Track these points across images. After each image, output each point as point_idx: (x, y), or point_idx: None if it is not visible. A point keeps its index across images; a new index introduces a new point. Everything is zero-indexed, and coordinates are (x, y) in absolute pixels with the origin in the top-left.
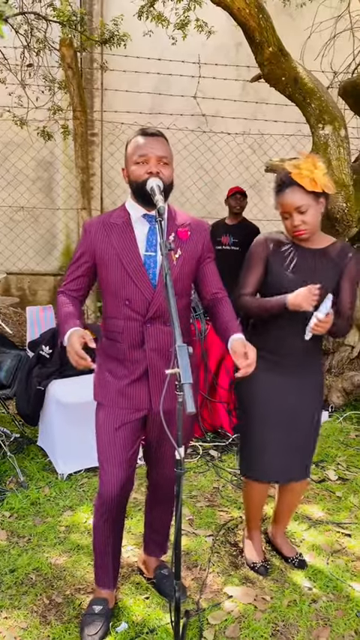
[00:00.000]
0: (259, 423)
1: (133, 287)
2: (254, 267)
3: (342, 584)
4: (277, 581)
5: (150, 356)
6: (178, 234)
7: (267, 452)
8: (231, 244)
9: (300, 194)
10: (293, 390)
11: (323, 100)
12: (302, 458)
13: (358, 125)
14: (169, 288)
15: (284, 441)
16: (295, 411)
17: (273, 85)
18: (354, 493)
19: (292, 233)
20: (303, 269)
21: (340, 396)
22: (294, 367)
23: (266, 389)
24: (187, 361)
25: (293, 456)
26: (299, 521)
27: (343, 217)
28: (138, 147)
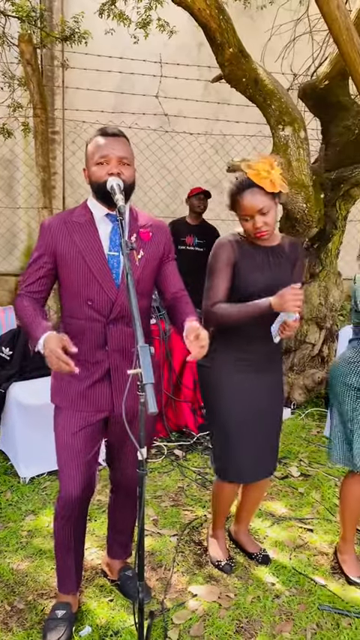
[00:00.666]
0: (231, 425)
1: (96, 287)
2: (223, 272)
3: (304, 579)
4: (241, 578)
5: (112, 357)
6: (140, 235)
7: (241, 453)
8: (195, 245)
9: (260, 196)
10: (260, 389)
11: (283, 101)
12: (270, 455)
13: (317, 127)
14: (131, 287)
15: (255, 441)
16: (262, 410)
17: (234, 86)
18: (316, 489)
19: (253, 234)
20: (266, 267)
21: (301, 394)
22: (259, 366)
23: (233, 389)
24: (149, 361)
25: (263, 454)
26: (263, 518)
27: (303, 218)
28: (98, 147)
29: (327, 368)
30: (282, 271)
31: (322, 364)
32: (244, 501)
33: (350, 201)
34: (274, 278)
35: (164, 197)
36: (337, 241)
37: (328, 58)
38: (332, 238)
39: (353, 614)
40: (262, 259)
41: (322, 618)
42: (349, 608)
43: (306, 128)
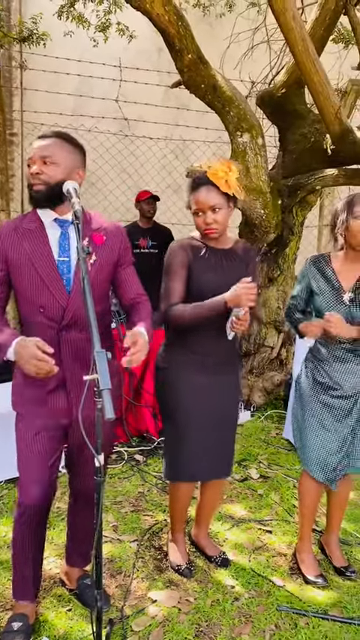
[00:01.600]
0: (184, 425)
1: (47, 293)
2: (177, 274)
3: (263, 581)
4: (201, 581)
5: (67, 363)
6: (92, 239)
7: (194, 453)
8: (149, 247)
9: (214, 193)
10: (215, 389)
11: (241, 108)
12: (226, 455)
13: (275, 134)
14: (87, 293)
15: (209, 441)
16: (217, 410)
17: (193, 92)
18: (275, 490)
19: (202, 230)
20: (220, 270)
21: (261, 396)
22: (215, 367)
23: (189, 390)
24: (106, 367)
25: (217, 454)
26: (222, 521)
27: (261, 223)
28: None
29: (285, 370)
30: (235, 274)
31: (281, 367)
32: (201, 503)
33: (306, 207)
34: (227, 280)
35: (125, 201)
36: (294, 247)
37: (285, 67)
38: (289, 244)
39: (310, 614)
40: (216, 261)
41: (281, 619)
42: (307, 608)
43: (264, 135)
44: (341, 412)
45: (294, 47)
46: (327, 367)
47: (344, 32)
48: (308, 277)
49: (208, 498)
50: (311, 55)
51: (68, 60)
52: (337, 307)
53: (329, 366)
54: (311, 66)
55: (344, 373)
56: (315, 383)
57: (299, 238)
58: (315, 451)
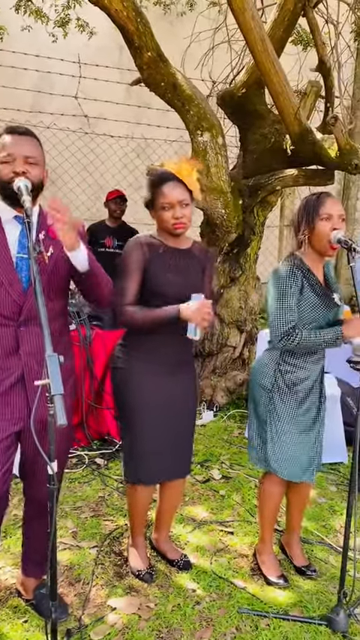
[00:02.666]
0: (139, 425)
1: (3, 291)
2: (132, 274)
3: (224, 583)
4: (162, 586)
5: (25, 361)
6: (49, 233)
7: (150, 454)
8: (115, 247)
9: (182, 189)
10: (171, 389)
11: (201, 107)
12: (184, 455)
13: (236, 134)
14: (39, 295)
15: (166, 441)
16: (174, 410)
17: (153, 90)
18: (236, 491)
19: (171, 225)
20: (177, 269)
21: (224, 396)
22: (170, 367)
23: (145, 390)
24: (58, 371)
25: (176, 454)
26: (184, 523)
27: (222, 223)
28: (4, 146)
29: (247, 370)
30: (192, 274)
31: (243, 366)
32: (161, 505)
33: (267, 207)
34: (184, 280)
35: (85, 199)
36: (255, 247)
37: (245, 67)
38: (251, 244)
39: (271, 615)
40: (173, 261)
41: (242, 621)
42: (268, 609)
43: (224, 135)
44: (312, 413)
45: (253, 47)
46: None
47: (303, 34)
48: (299, 284)
49: (168, 500)
50: (270, 56)
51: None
52: (331, 309)
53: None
54: (271, 66)
55: (312, 372)
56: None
57: (260, 238)
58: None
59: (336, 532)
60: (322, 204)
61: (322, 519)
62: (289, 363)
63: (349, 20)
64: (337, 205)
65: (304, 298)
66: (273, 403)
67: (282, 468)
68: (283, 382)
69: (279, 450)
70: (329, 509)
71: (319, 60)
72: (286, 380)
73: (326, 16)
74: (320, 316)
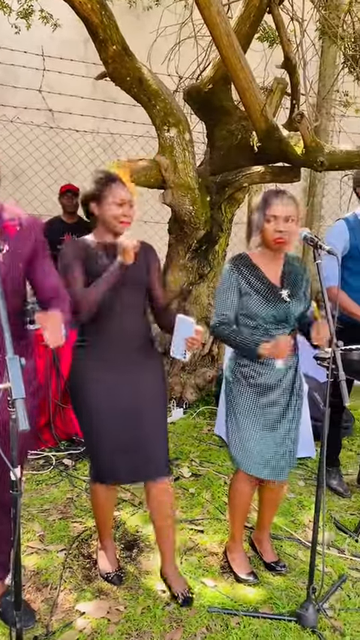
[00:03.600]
0: (96, 425)
1: None
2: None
3: (194, 582)
4: (131, 588)
5: None
6: (4, 229)
7: (110, 453)
8: None
9: (128, 192)
10: (130, 387)
11: (167, 102)
12: (155, 454)
13: (203, 130)
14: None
15: (128, 440)
16: (135, 408)
17: (118, 84)
18: (206, 488)
19: (119, 222)
20: None
21: (193, 392)
22: (129, 365)
23: (100, 389)
24: (19, 374)
25: (141, 454)
26: None
27: (190, 220)
28: None
29: (217, 366)
30: (134, 270)
31: (212, 363)
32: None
33: (235, 204)
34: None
35: (51, 195)
36: (223, 243)
37: (212, 63)
38: (219, 240)
39: (241, 613)
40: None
41: (212, 620)
42: (238, 607)
43: (191, 131)
44: (278, 410)
45: (219, 42)
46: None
47: (269, 31)
48: (236, 281)
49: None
50: (236, 51)
51: None
52: (277, 305)
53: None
54: (237, 62)
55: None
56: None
57: (228, 235)
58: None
59: (305, 527)
60: (268, 206)
61: (290, 515)
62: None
63: (313, 18)
64: (283, 206)
65: (245, 295)
66: (233, 396)
67: (242, 461)
68: (241, 374)
69: (239, 444)
70: (298, 504)
71: (285, 57)
72: (244, 372)
73: (291, 13)
74: (264, 312)
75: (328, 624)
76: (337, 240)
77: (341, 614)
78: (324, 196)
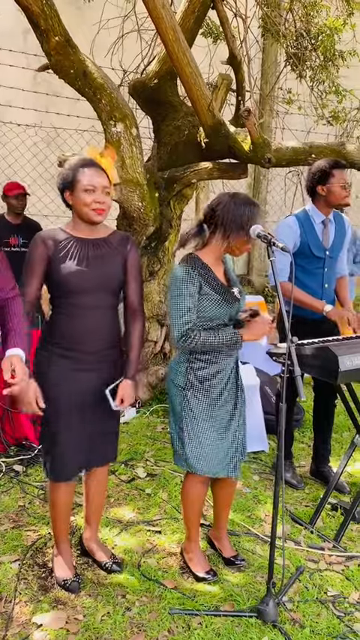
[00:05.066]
0: (54, 422)
1: None
2: (34, 270)
3: (154, 585)
4: (90, 595)
5: None
6: None
7: (68, 450)
8: (20, 245)
9: (105, 178)
10: (91, 383)
11: (114, 96)
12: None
13: (149, 125)
14: None
15: (85, 437)
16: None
17: (62, 77)
18: (162, 488)
19: (91, 209)
20: (84, 259)
21: (146, 391)
22: (93, 362)
23: (58, 386)
24: None
25: (96, 446)
26: (111, 526)
27: (139, 216)
28: None
29: (169, 364)
30: (107, 264)
31: (165, 361)
32: (87, 499)
33: (183, 201)
34: (98, 271)
35: None
36: (173, 240)
37: (157, 57)
38: (169, 237)
39: (202, 613)
40: (80, 251)
41: (174, 622)
42: (199, 607)
43: (137, 126)
44: (229, 407)
45: (164, 36)
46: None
47: (213, 27)
48: (198, 282)
49: (94, 492)
50: (182, 46)
51: None
52: (233, 304)
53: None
54: (183, 57)
55: (225, 368)
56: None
57: (178, 232)
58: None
59: (261, 521)
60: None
61: (247, 510)
62: (200, 359)
63: (256, 15)
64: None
65: (203, 297)
66: (187, 401)
67: (201, 466)
68: (196, 379)
69: (197, 448)
70: (253, 498)
71: (230, 53)
72: (199, 376)
73: (235, 9)
74: (222, 312)
75: (288, 617)
76: (287, 237)
77: (300, 605)
78: (268, 192)
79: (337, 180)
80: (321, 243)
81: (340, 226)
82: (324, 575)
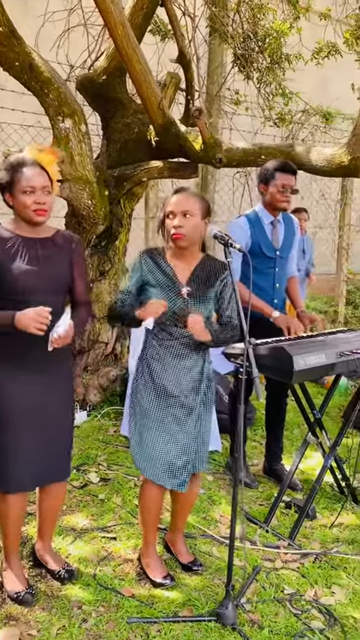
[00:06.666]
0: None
1: None
2: None
3: (111, 594)
4: (44, 609)
5: None
6: None
7: (20, 461)
8: None
9: (45, 177)
10: (39, 392)
11: (61, 91)
12: (60, 457)
13: (97, 122)
14: None
15: (37, 447)
16: (45, 414)
17: (7, 70)
18: (116, 493)
19: (32, 210)
20: (32, 259)
21: (97, 394)
22: (38, 371)
23: (10, 397)
24: None
25: (49, 459)
26: (64, 534)
27: (89, 214)
28: None
29: (121, 365)
30: (54, 264)
31: (116, 362)
32: (41, 512)
33: (134, 199)
34: (41, 270)
35: None
36: (123, 239)
37: (105, 53)
38: (119, 236)
39: (161, 620)
40: (33, 252)
41: (132, 632)
42: (158, 614)
43: (86, 122)
44: (183, 412)
45: (113, 31)
46: (162, 366)
47: (161, 25)
48: (142, 270)
49: (48, 506)
50: (132, 42)
51: None
52: (175, 301)
53: (164, 364)
54: (132, 53)
55: (180, 370)
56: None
57: (128, 230)
58: (160, 459)
59: (217, 522)
60: (167, 202)
61: (202, 511)
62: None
63: (204, 15)
64: (179, 202)
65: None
66: (137, 391)
67: (145, 467)
68: (147, 369)
69: (141, 447)
70: (208, 499)
71: (180, 51)
72: (145, 368)
73: (183, 8)
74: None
75: (247, 619)
76: (239, 237)
77: (258, 606)
78: (216, 192)
79: (277, 183)
80: (271, 244)
81: (289, 227)
82: (280, 574)
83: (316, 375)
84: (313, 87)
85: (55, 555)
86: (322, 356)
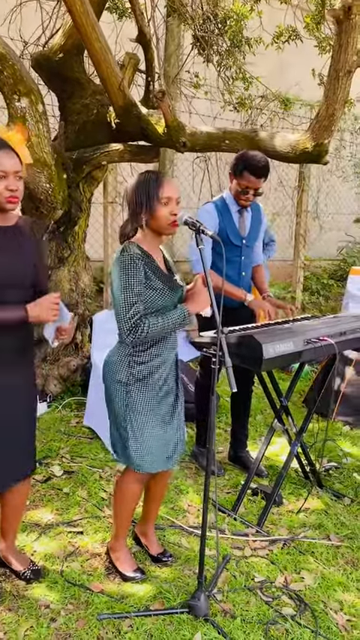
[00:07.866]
0: None
1: None
2: None
3: (79, 591)
4: (11, 609)
5: None
6: None
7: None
8: None
9: (15, 160)
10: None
11: (17, 68)
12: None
13: (53, 102)
14: None
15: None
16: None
17: None
18: (81, 485)
19: (4, 197)
20: (6, 249)
21: (57, 384)
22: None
23: None
24: None
25: (17, 456)
26: (28, 530)
27: (47, 198)
28: None
29: (82, 354)
30: (23, 253)
31: (77, 351)
32: (4, 512)
33: (93, 183)
34: (15, 261)
35: None
36: (83, 224)
37: (62, 29)
38: (78, 221)
39: (132, 614)
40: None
41: (103, 628)
42: (129, 609)
43: (44, 102)
44: (172, 397)
45: (72, 7)
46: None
47: (119, 2)
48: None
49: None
50: (91, 19)
51: None
52: (177, 291)
53: (163, 359)
54: (92, 30)
55: (173, 359)
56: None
57: (88, 215)
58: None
59: (185, 512)
60: (161, 187)
61: (170, 501)
62: (143, 352)
63: None
64: (175, 188)
65: (149, 286)
66: (131, 397)
67: (146, 463)
68: (140, 373)
69: (142, 445)
70: (175, 489)
71: (139, 30)
72: (143, 370)
73: None
74: (168, 301)
75: (219, 609)
76: (207, 224)
77: (229, 595)
78: (175, 177)
79: (241, 183)
80: (238, 231)
81: (257, 215)
82: (250, 562)
83: (284, 362)
84: (272, 71)
85: (19, 555)
86: (290, 344)
